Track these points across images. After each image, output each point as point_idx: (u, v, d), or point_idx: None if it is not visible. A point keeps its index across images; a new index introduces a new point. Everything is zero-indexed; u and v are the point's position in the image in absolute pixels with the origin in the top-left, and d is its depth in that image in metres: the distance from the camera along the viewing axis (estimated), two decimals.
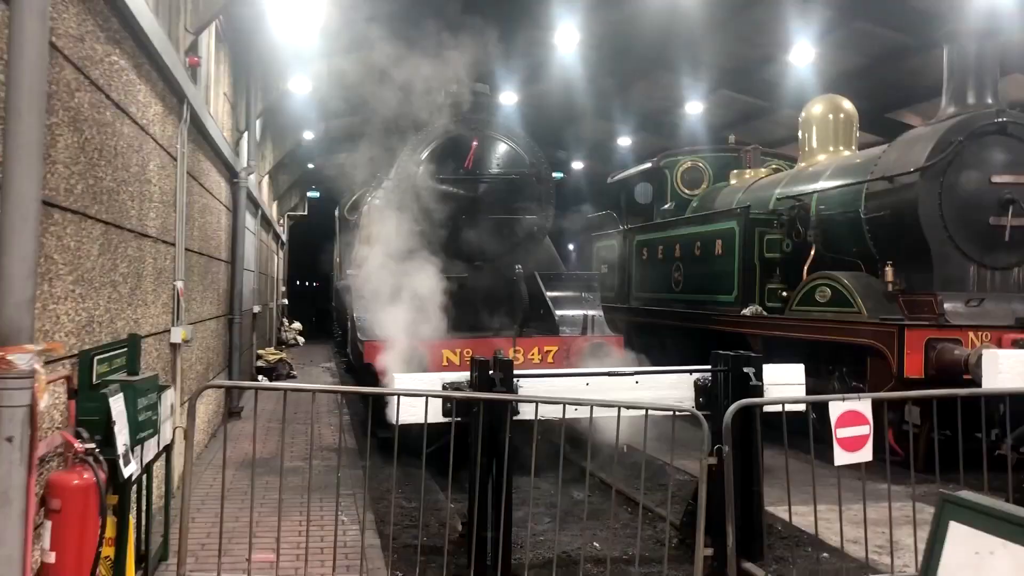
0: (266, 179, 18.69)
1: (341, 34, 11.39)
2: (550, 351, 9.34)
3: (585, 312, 10.17)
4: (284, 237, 28.10)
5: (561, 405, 5.11)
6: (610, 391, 5.82)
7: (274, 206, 22.41)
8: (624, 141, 25.16)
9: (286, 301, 28.74)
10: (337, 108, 13.90)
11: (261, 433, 10.53)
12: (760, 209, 10.81)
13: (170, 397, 5.26)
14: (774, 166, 13.23)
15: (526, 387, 5.67)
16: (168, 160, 6.81)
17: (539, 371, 5.88)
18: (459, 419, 5.43)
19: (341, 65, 11.99)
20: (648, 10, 15.37)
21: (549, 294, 10.13)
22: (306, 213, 29.25)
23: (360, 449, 9.67)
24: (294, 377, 16.66)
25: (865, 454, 4.63)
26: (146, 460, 4.60)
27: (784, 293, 10.24)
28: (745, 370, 5.69)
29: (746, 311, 10.36)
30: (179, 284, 7.18)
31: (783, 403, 5.18)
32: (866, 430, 4.59)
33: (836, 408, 4.61)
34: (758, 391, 5.66)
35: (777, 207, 10.71)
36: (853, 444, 4.58)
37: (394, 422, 5.35)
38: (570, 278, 10.57)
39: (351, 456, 9.25)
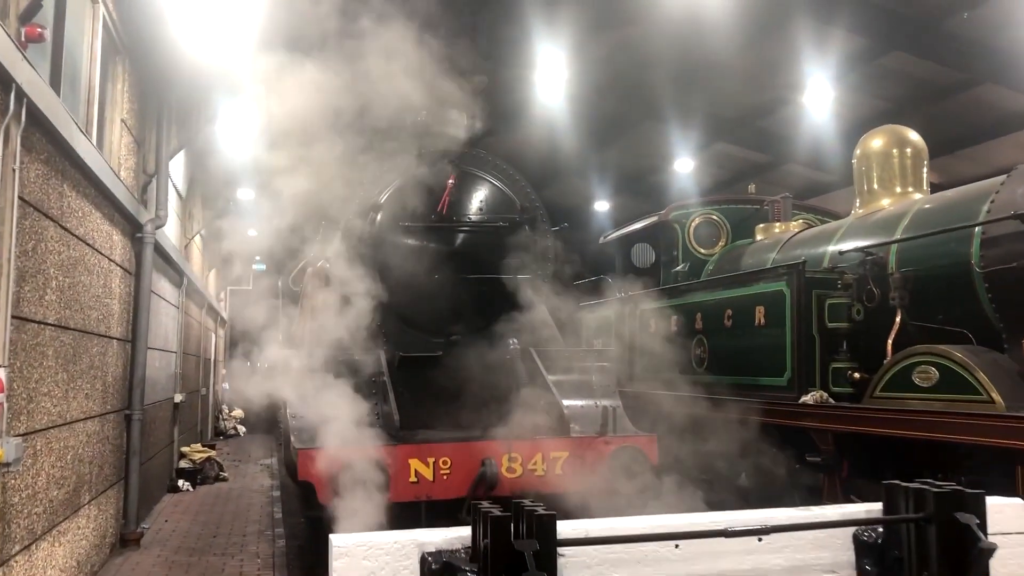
0: (197, 244, 16.07)
1: (277, 51, 9.06)
2: (559, 458, 6.80)
3: (599, 402, 7.68)
4: (225, 314, 25.27)
5: None
6: (716, 557, 3.31)
7: (211, 277, 19.74)
8: (602, 206, 23.02)
9: (227, 385, 25.74)
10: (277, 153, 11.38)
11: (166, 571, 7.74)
12: (811, 268, 8.47)
13: None
14: (801, 219, 11.02)
15: (575, 559, 3.14)
16: None
17: (601, 530, 3.31)
18: None
19: (279, 93, 9.61)
20: (637, 49, 13.34)
21: (550, 378, 7.63)
22: (251, 287, 26.48)
23: None
24: (224, 480, 13.79)
25: None
26: None
27: (856, 374, 7.83)
28: (960, 518, 3.21)
29: (807, 398, 7.91)
30: None
31: None
32: None
33: None
34: (986, 558, 3.18)
35: (838, 264, 8.40)
36: None
37: None
38: (576, 356, 8.09)
39: None
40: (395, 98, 8.42)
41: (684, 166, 18.34)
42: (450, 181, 7.89)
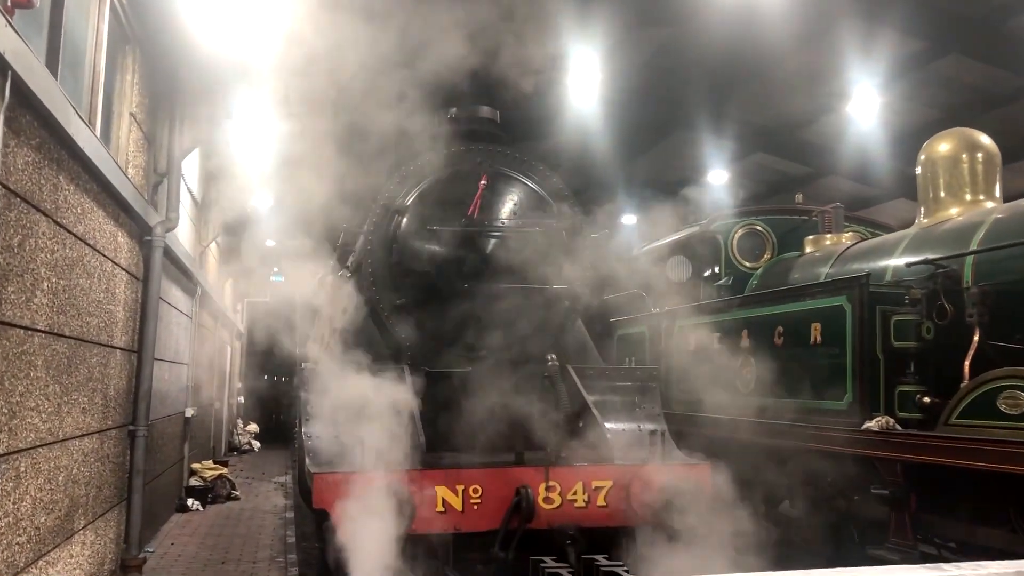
0: (213, 253, 15.56)
1: (300, 46, 8.50)
2: (601, 488, 6.13)
3: (642, 426, 7.01)
4: (242, 325, 24.76)
5: None
6: None
7: (227, 287, 19.23)
8: (628, 219, 22.33)
9: (241, 399, 25.19)
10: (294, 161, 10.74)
11: None
12: (874, 282, 7.76)
13: None
14: (851, 231, 10.33)
15: None
16: None
17: None
18: None
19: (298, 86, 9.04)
20: (675, 53, 12.72)
21: (590, 398, 6.96)
22: (268, 299, 25.93)
23: None
24: (236, 499, 13.18)
25: None
26: None
27: (926, 399, 7.12)
28: None
29: (871, 424, 7.19)
30: None
31: None
32: None
33: None
34: None
35: (903, 278, 7.71)
36: None
37: None
38: (617, 375, 7.43)
39: None
40: (423, 91, 7.87)
41: (718, 178, 17.65)
42: (482, 182, 7.28)
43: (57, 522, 5.73)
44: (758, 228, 10.82)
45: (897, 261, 8.07)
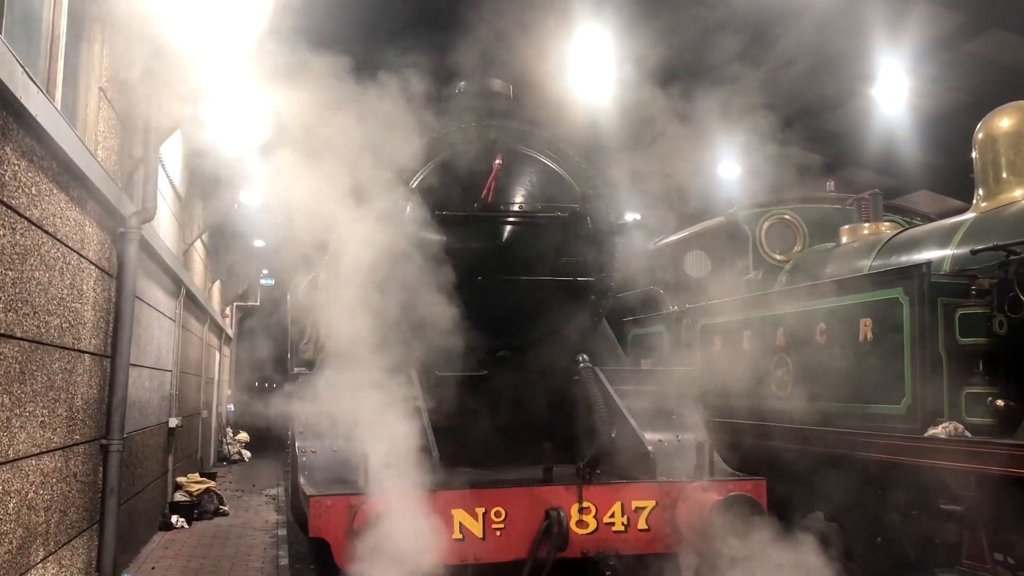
0: (199, 253, 14.69)
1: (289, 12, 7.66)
2: (643, 509, 5.30)
3: (681, 435, 6.19)
4: (231, 331, 23.87)
5: None
6: None
7: (214, 290, 18.36)
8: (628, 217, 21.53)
9: (231, 407, 24.29)
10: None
11: None
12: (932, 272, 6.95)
13: None
14: (888, 221, 9.55)
15: None
16: None
17: None
18: None
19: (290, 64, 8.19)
20: (682, 36, 11.93)
21: (622, 404, 6.13)
22: (258, 303, 25.06)
23: None
24: (224, 514, 12.31)
25: None
26: None
27: (999, 401, 6.33)
28: None
29: (937, 431, 6.39)
30: None
31: None
32: None
33: None
34: None
35: (966, 267, 6.92)
36: None
37: None
38: (651, 378, 6.60)
39: None
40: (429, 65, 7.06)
41: (729, 171, 16.83)
42: (496, 162, 6.44)
43: (7, 557, 4.87)
44: (787, 218, 10.05)
45: (957, 250, 7.28)
